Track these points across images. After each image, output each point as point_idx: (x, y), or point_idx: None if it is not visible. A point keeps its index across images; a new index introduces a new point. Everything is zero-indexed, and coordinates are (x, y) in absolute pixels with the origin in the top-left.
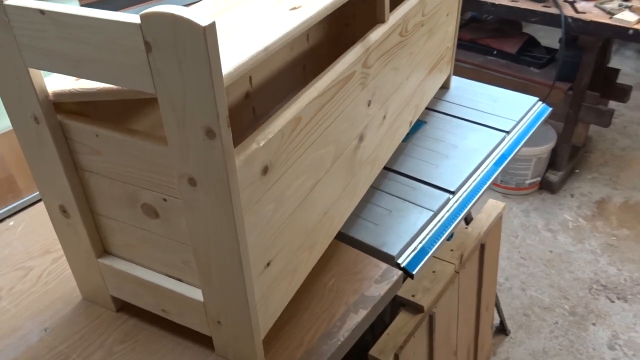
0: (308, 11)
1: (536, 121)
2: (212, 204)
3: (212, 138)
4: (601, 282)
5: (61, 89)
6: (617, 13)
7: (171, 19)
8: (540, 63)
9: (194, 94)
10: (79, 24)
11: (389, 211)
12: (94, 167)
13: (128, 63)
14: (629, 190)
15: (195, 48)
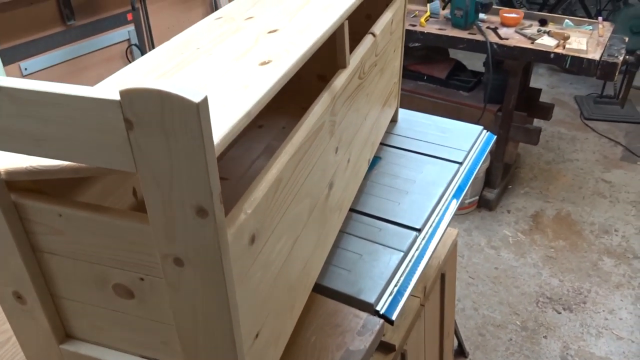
0: (281, 67)
1: (484, 150)
2: (202, 284)
3: (203, 217)
4: (546, 294)
5: (16, 166)
6: (537, 38)
7: (158, 95)
8: (469, 86)
9: (183, 171)
10: (44, 101)
11: (360, 255)
12: (55, 248)
13: (104, 141)
14: (559, 202)
15: (187, 125)
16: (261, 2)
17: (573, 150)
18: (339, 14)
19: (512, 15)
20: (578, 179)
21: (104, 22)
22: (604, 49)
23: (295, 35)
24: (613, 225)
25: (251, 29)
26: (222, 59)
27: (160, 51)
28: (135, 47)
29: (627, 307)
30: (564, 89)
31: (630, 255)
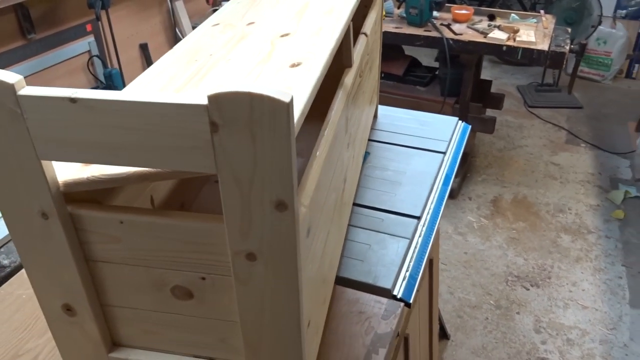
0: (314, 68)
1: (463, 139)
2: (274, 276)
3: (282, 211)
4: (514, 273)
5: (76, 177)
6: (489, 32)
7: (248, 97)
8: (425, 82)
9: (266, 168)
10: (123, 110)
11: (369, 245)
12: (111, 256)
13: (184, 145)
14: (515, 186)
15: (276, 124)
16: (254, 9)
17: (521, 137)
18: (346, 16)
19: (463, 12)
20: (529, 164)
21: (64, 34)
22: (550, 40)
23: (311, 38)
24: (566, 204)
25: (260, 33)
26: (245, 63)
27: (169, 60)
28: (96, 58)
29: (588, 279)
30: (506, 80)
31: (585, 230)
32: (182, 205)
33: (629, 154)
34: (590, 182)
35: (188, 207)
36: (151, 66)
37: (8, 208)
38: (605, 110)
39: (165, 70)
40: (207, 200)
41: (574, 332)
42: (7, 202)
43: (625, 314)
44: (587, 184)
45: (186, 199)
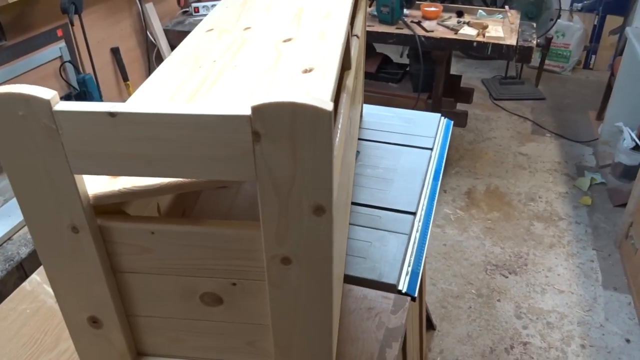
0: (329, 73)
1: (447, 135)
2: (308, 279)
3: (320, 215)
4: (492, 262)
5: (107, 190)
6: (459, 29)
7: (291, 106)
8: (397, 78)
9: (306, 174)
10: (162, 122)
11: (370, 242)
12: (139, 267)
13: (224, 155)
14: (487, 177)
15: (318, 132)
16: (247, 13)
17: (489, 129)
18: (346, 20)
19: (433, 9)
20: (499, 155)
21: (34, 40)
22: (518, 35)
23: (317, 43)
24: (536, 192)
25: (260, 38)
26: (253, 70)
27: (170, 67)
28: (69, 64)
29: (562, 264)
30: (471, 74)
31: (556, 217)
32: (184, 212)
33: (592, 142)
34: (557, 170)
35: (189, 214)
36: (153, 74)
37: (36, 223)
38: (567, 100)
39: (169, 78)
40: (207, 207)
41: (553, 316)
42: (36, 217)
43: (599, 295)
44: (555, 173)
45: (187, 206)
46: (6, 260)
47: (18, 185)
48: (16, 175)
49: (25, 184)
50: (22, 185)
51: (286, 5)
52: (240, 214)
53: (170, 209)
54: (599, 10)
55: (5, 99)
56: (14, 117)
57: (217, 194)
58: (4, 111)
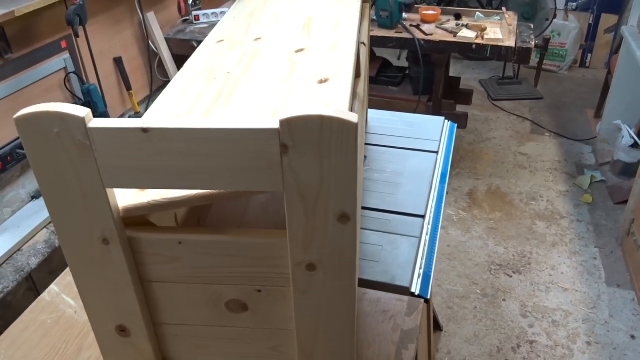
0: (344, 83)
1: (451, 138)
2: (332, 284)
3: (345, 222)
4: (496, 262)
5: (137, 202)
6: (458, 32)
7: (319, 119)
8: (397, 81)
9: (332, 184)
10: (195, 137)
11: (381, 246)
12: (167, 276)
13: (252, 167)
14: (488, 178)
15: (344, 143)
16: (256, 24)
17: (489, 129)
18: (355, 30)
19: (431, 12)
20: (499, 155)
21: (40, 52)
22: (516, 37)
23: (329, 53)
24: (538, 192)
25: (272, 49)
26: (269, 80)
27: (185, 78)
28: (73, 75)
29: (565, 262)
30: (469, 75)
31: (558, 216)
32: (199, 221)
33: (591, 140)
34: (557, 169)
35: (204, 221)
36: (169, 85)
37: (68, 235)
38: (564, 99)
39: (185, 89)
40: (220, 214)
41: (558, 314)
42: (67, 230)
43: (602, 292)
44: (555, 172)
45: (202, 215)
46: (17, 271)
47: (51, 199)
48: (49, 189)
49: (58, 197)
50: (55, 199)
51: (294, 15)
52: (253, 220)
53: (186, 217)
54: (594, 9)
55: (41, 117)
56: (49, 134)
57: (230, 201)
58: (40, 128)
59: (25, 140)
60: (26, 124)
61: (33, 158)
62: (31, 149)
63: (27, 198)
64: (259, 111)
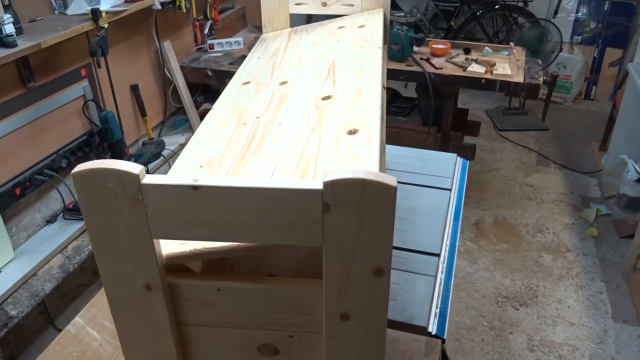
0: (373, 135)
1: (464, 175)
2: (364, 332)
3: (379, 276)
4: (503, 294)
5: (179, 251)
6: (467, 66)
7: (361, 182)
8: (406, 112)
9: (368, 241)
10: (242, 195)
11: (398, 284)
12: (203, 320)
13: (295, 223)
14: (494, 208)
15: (383, 204)
16: (280, 66)
17: (495, 160)
18: (379, 78)
19: (441, 47)
20: (505, 186)
21: (60, 80)
22: (524, 72)
23: (356, 102)
24: (544, 224)
25: (299, 94)
26: (298, 129)
27: (215, 120)
28: (91, 102)
29: (572, 296)
30: (475, 104)
31: (564, 249)
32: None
33: (596, 173)
34: (563, 201)
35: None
36: (200, 127)
37: (113, 281)
38: (570, 131)
39: (217, 132)
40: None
41: (565, 349)
42: (113, 276)
43: (609, 327)
44: (561, 204)
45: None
46: (31, 296)
47: (99, 247)
48: (99, 238)
49: (107, 246)
50: (103, 248)
51: (317, 58)
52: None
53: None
54: (599, 43)
55: (98, 173)
56: (104, 189)
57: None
58: (97, 183)
59: (81, 192)
60: (83, 179)
61: (86, 209)
62: (86, 200)
63: (42, 222)
64: (292, 161)
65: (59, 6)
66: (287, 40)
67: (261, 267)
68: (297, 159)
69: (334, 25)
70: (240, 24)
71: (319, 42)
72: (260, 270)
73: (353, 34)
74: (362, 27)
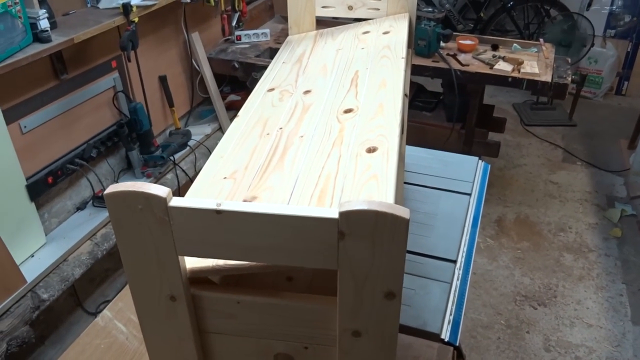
0: (391, 155)
1: (484, 180)
2: (374, 350)
3: (390, 299)
4: (521, 293)
5: (202, 266)
6: (494, 64)
7: (374, 214)
8: (431, 107)
9: (381, 267)
10: (262, 221)
11: (414, 290)
12: (223, 329)
13: (311, 248)
14: (517, 206)
15: (395, 235)
16: (304, 74)
17: (520, 155)
18: (401, 92)
19: (468, 42)
20: (529, 183)
21: (92, 72)
22: (553, 71)
23: (376, 117)
24: (567, 223)
25: (322, 106)
26: (319, 144)
27: (240, 128)
28: (121, 94)
29: (591, 297)
30: (501, 97)
31: (585, 249)
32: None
33: (623, 172)
34: (587, 200)
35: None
36: (226, 134)
37: (140, 293)
38: (598, 127)
39: (241, 141)
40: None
41: (582, 350)
42: (140, 288)
43: (628, 330)
44: (585, 203)
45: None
46: (62, 281)
47: (129, 262)
48: (129, 253)
49: (136, 262)
50: (132, 262)
51: (341, 66)
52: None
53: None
54: (633, 37)
55: (129, 196)
56: (134, 210)
57: None
58: (127, 204)
59: (112, 212)
60: (115, 200)
61: (117, 227)
62: (117, 220)
63: (72, 209)
64: (312, 177)
65: (92, 0)
66: (312, 44)
67: (280, 270)
68: (317, 175)
69: (359, 29)
70: (267, 14)
71: (343, 48)
72: (280, 272)
73: (377, 40)
74: (387, 33)
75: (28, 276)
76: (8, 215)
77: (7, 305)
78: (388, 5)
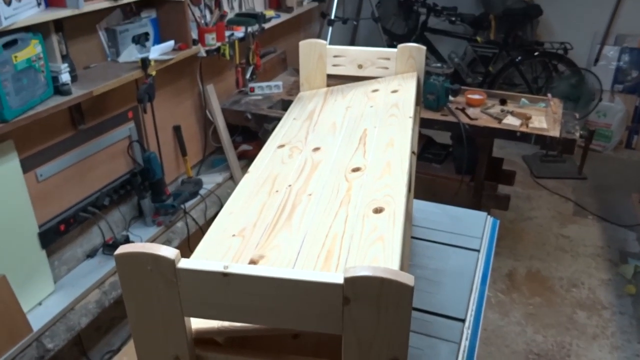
0: (397, 215)
1: (493, 235)
2: None
3: None
4: (534, 351)
5: (208, 327)
6: (503, 118)
7: (380, 280)
8: (440, 159)
9: (387, 333)
10: (269, 284)
11: (422, 350)
12: None
13: (316, 312)
14: (528, 260)
15: (400, 301)
16: (314, 131)
17: (530, 208)
18: (408, 151)
19: (476, 97)
20: (540, 236)
21: (108, 122)
22: (561, 126)
23: (384, 177)
24: (579, 278)
25: (330, 164)
26: (327, 202)
27: (250, 185)
28: (136, 143)
29: (606, 357)
30: (511, 149)
31: (599, 306)
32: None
33: (636, 227)
34: (600, 255)
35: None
36: (236, 190)
37: (146, 353)
38: (609, 180)
39: (250, 198)
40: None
41: None
42: (146, 348)
43: None
44: (598, 258)
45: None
46: (68, 330)
47: (136, 321)
48: (136, 313)
49: (142, 320)
50: (139, 322)
51: (350, 124)
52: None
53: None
54: None
55: (138, 256)
56: (143, 270)
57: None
58: (136, 264)
59: (122, 272)
60: (125, 260)
61: (125, 286)
62: (125, 279)
63: (82, 256)
64: (319, 236)
65: (112, 54)
66: (322, 101)
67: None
68: (324, 235)
69: (369, 87)
70: (280, 67)
71: (353, 106)
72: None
73: (386, 99)
74: (395, 92)
75: (35, 325)
76: (19, 262)
77: (12, 354)
78: (397, 64)
